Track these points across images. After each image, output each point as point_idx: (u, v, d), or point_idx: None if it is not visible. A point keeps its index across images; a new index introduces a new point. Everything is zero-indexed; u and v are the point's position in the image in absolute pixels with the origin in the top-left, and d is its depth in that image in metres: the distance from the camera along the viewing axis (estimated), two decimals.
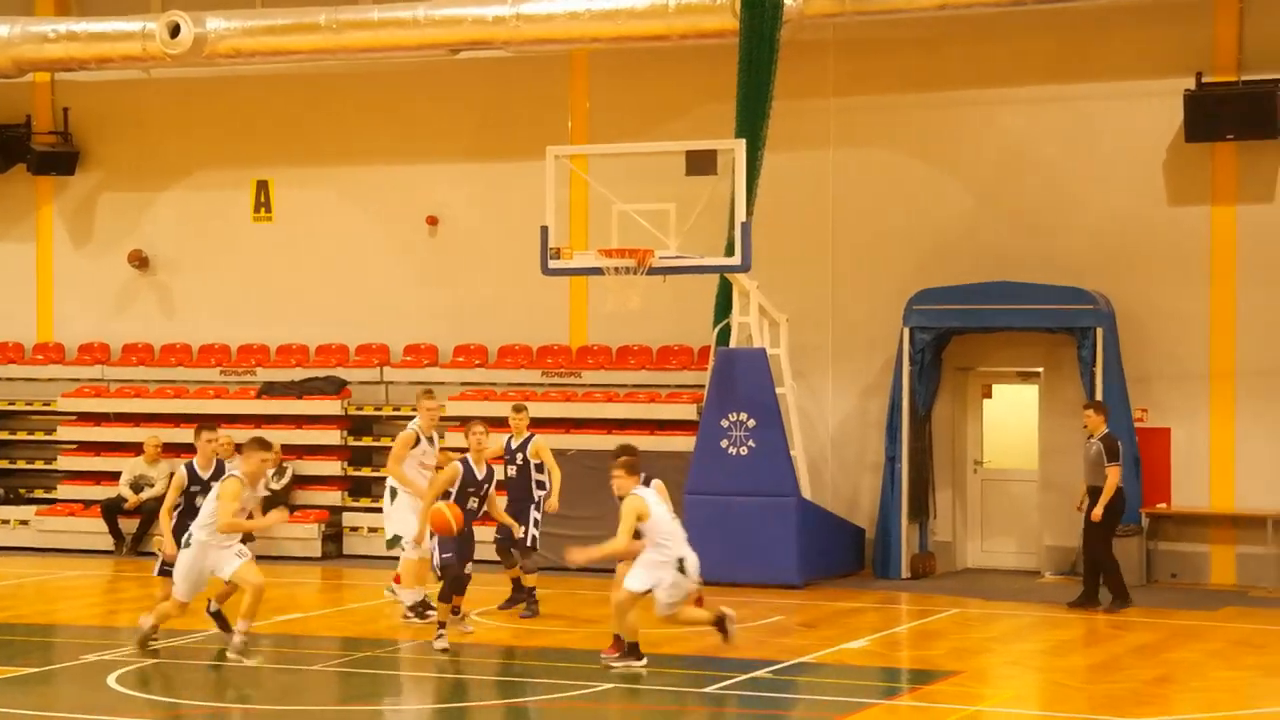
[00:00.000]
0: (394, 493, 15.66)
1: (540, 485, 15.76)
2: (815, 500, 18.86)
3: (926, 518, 19.21)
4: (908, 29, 19.47)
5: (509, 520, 15.11)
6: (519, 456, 15.78)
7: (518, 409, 16.07)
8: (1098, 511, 16.36)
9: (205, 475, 13.74)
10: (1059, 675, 13.61)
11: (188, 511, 13.58)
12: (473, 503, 14.20)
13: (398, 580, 15.69)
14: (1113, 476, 16.37)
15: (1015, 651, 14.85)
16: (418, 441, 15.58)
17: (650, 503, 13.24)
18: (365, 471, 21.10)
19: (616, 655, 13.19)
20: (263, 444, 13.54)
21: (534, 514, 15.66)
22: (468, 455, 14.41)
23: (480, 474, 14.30)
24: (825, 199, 19.98)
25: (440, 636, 13.85)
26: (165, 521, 13.71)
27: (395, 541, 15.61)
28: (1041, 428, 19.25)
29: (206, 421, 16.10)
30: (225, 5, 21.14)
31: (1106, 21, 19.01)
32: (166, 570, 13.61)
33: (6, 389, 22.67)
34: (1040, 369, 19.30)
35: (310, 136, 22.04)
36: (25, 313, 23.11)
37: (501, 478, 15.39)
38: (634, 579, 13.08)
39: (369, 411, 21.28)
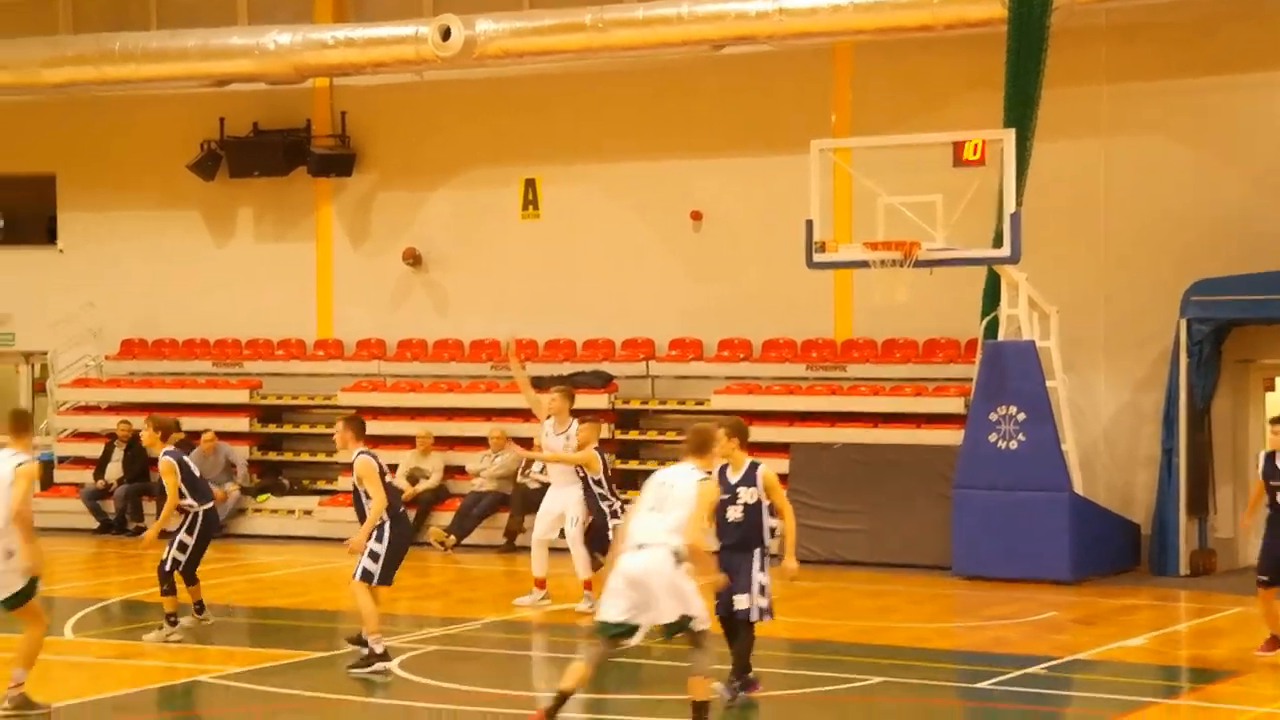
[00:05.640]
0: None
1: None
2: (1087, 495, 18.49)
3: (1206, 513, 18.67)
4: (1181, 11, 18.96)
5: None
6: None
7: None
8: None
9: None
10: None
11: None
12: None
13: None
14: None
15: None
16: None
17: None
18: (632, 465, 21.32)
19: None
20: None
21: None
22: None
23: None
24: (1096, 187, 19.57)
25: None
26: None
27: None
28: None
29: None
30: (494, 8, 21.63)
31: None
32: None
33: (289, 384, 23.50)
34: None
35: (576, 134, 22.40)
36: (306, 310, 23.96)
37: None
38: None
39: (635, 405, 21.53)
